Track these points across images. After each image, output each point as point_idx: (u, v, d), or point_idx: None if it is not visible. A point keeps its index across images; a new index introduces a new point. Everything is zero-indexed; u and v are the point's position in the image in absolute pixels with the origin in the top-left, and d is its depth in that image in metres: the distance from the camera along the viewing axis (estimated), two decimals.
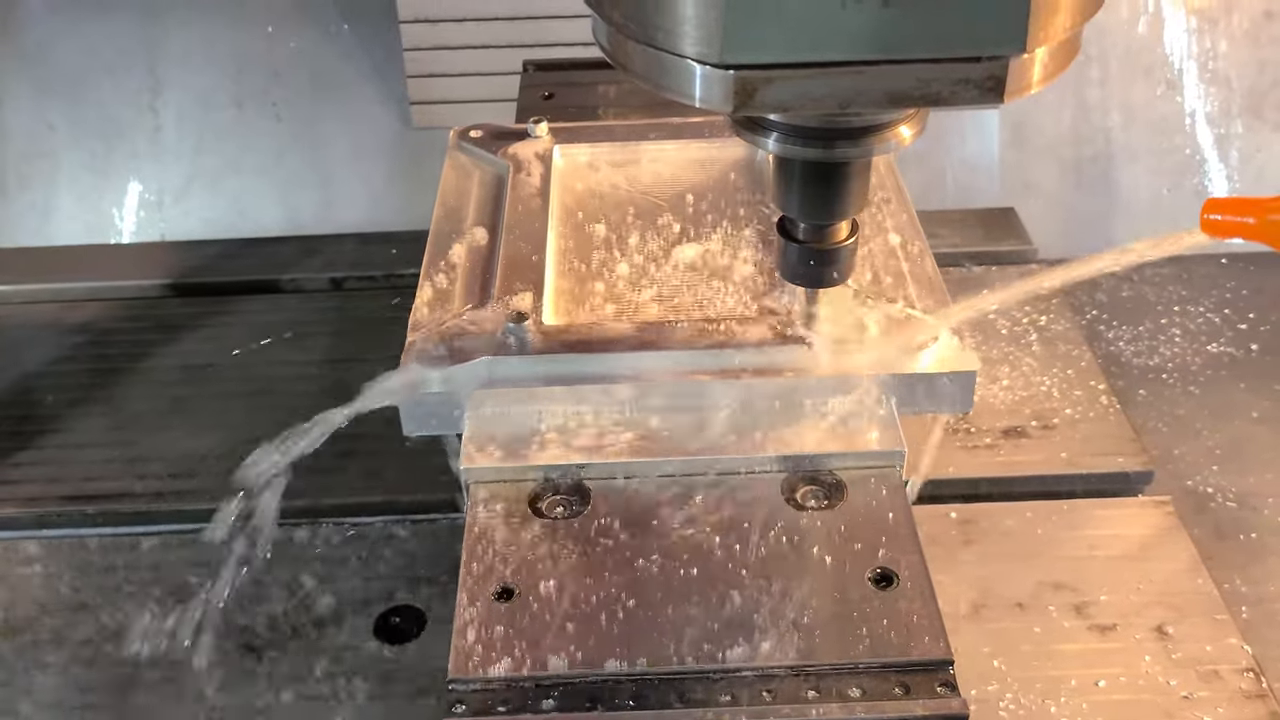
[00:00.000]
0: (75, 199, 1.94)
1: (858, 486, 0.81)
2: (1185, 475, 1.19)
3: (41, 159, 1.94)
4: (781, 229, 0.79)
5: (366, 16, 1.92)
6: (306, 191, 1.92)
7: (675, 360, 0.85)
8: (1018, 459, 1.12)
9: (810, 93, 0.60)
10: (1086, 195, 1.88)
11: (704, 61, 0.60)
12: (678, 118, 1.12)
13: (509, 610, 0.74)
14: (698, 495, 0.81)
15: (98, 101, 1.93)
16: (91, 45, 1.92)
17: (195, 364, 1.27)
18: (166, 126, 1.93)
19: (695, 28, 0.58)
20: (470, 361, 0.84)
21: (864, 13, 0.57)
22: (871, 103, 0.61)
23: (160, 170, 1.92)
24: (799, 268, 0.80)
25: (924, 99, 0.61)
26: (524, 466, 0.82)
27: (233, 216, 1.92)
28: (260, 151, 1.92)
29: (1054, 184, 1.89)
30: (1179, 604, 0.99)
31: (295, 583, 1.04)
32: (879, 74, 0.60)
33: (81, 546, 1.08)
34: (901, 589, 0.74)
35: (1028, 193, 1.87)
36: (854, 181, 0.74)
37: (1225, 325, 1.37)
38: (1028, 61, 0.60)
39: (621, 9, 0.62)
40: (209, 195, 1.93)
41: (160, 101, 1.93)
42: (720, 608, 0.74)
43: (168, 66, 1.93)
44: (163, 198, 1.93)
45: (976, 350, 1.20)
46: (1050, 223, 1.87)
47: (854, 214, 0.76)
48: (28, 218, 1.93)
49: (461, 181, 1.07)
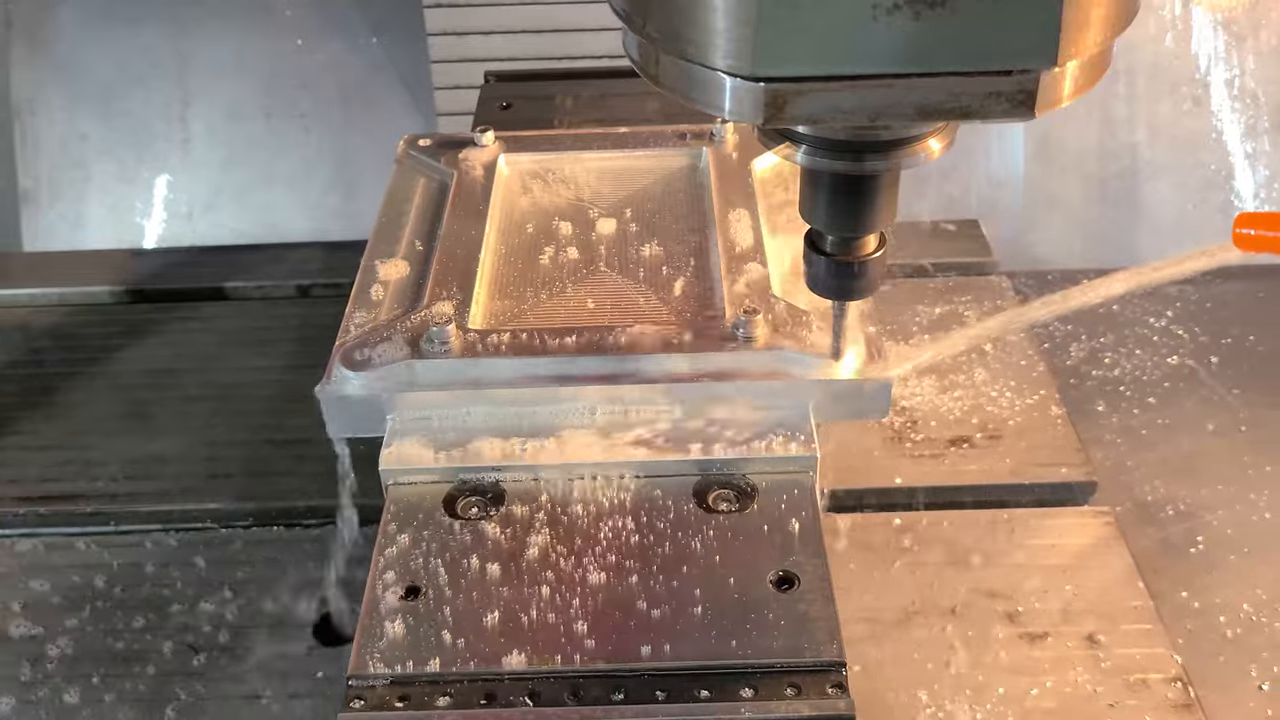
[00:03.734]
0: (106, 209, 1.96)
1: (769, 491, 0.82)
2: (1135, 486, 1.19)
3: (73, 169, 1.97)
4: (809, 242, 0.79)
5: (395, 29, 1.93)
6: (334, 202, 1.94)
7: (596, 365, 0.86)
8: (962, 468, 1.12)
9: (840, 105, 0.60)
10: (1111, 210, 1.87)
11: (735, 74, 0.60)
12: (625, 128, 1.14)
13: (414, 608, 0.75)
14: (611, 498, 0.82)
15: (129, 112, 1.96)
16: (124, 57, 1.95)
17: (157, 369, 1.29)
18: (196, 137, 1.96)
19: (727, 40, 0.59)
20: (391, 364, 0.85)
21: (895, 26, 0.57)
22: (901, 116, 0.61)
23: (190, 181, 1.94)
24: (826, 279, 0.79)
25: (954, 112, 0.61)
26: (440, 468, 0.83)
27: (261, 227, 1.94)
28: (289, 163, 1.93)
29: (1079, 199, 1.89)
30: (1111, 613, 0.99)
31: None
32: (909, 87, 0.60)
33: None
34: (802, 591, 0.75)
35: (1052, 208, 1.87)
36: (883, 194, 0.73)
37: (1186, 337, 1.37)
38: (1058, 75, 0.60)
39: (654, 22, 0.62)
40: (237, 206, 1.95)
41: (190, 113, 1.96)
42: (621, 608, 0.74)
43: (198, 78, 1.95)
44: (192, 208, 1.96)
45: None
46: (1075, 238, 1.87)
47: (882, 227, 0.76)
48: (59, 228, 1.96)
49: (406, 190, 1.09)
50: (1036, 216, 1.70)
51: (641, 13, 0.63)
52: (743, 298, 0.90)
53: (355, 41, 1.95)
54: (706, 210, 1.02)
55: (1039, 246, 1.93)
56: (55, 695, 0.96)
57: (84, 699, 0.96)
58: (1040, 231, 1.91)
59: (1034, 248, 1.93)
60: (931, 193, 1.94)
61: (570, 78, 1.30)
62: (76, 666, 0.99)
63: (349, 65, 1.95)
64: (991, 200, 1.90)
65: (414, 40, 1.88)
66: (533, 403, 0.85)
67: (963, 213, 1.87)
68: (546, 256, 0.99)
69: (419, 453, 0.84)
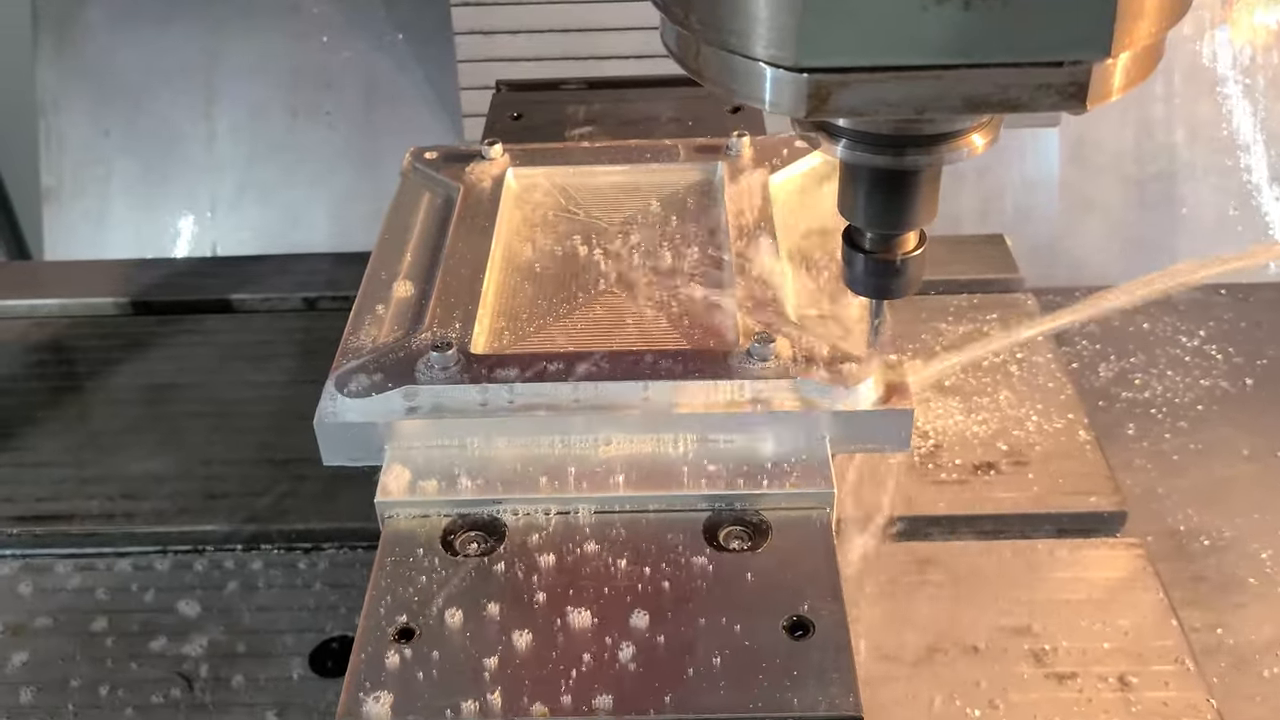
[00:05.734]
0: (128, 207, 1.96)
1: (784, 528, 0.78)
2: (1166, 514, 1.14)
3: (97, 165, 1.96)
4: (848, 239, 0.77)
5: (421, 27, 1.91)
6: (357, 203, 1.93)
7: (603, 392, 0.82)
8: (987, 495, 1.08)
9: (886, 97, 0.59)
10: (1149, 213, 1.84)
11: (777, 65, 0.58)
12: (637, 141, 1.10)
13: (407, 651, 0.71)
14: (616, 534, 0.78)
15: (154, 111, 1.96)
16: (150, 55, 1.95)
17: (158, 383, 1.26)
18: (220, 136, 1.95)
19: (769, 30, 0.57)
20: (389, 391, 0.81)
21: (945, 16, 0.55)
22: (948, 108, 0.60)
23: (213, 179, 1.94)
24: (865, 277, 0.77)
25: (1003, 104, 0.59)
26: (438, 500, 0.79)
27: (284, 226, 1.93)
28: (313, 161, 1.92)
29: (1116, 202, 1.85)
30: (1143, 653, 0.95)
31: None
32: (957, 78, 0.58)
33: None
34: (817, 639, 0.71)
35: (1089, 211, 1.83)
36: (925, 190, 0.71)
37: (1220, 358, 1.32)
38: (1110, 67, 0.59)
39: (695, 12, 0.61)
40: (261, 204, 1.94)
41: (215, 110, 1.94)
42: (624, 654, 0.70)
43: (223, 77, 1.95)
44: (215, 206, 1.94)
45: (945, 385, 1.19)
46: (1112, 241, 1.84)
47: (923, 224, 0.74)
48: (81, 226, 1.96)
49: (411, 204, 1.05)
50: (1073, 219, 1.65)
51: (683, 3, 0.61)
52: (758, 323, 0.85)
53: (380, 39, 1.93)
54: (720, 229, 0.98)
55: (1076, 250, 1.89)
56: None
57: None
58: (1076, 236, 1.88)
59: (1071, 251, 1.89)
60: (966, 194, 1.91)
61: (587, 88, 1.25)
62: (63, 695, 0.96)
63: (374, 63, 1.93)
64: (1026, 204, 1.86)
65: (440, 39, 1.86)
66: (537, 432, 0.82)
67: (997, 214, 1.83)
68: (554, 276, 0.95)
69: (415, 484, 0.80)
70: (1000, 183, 1.88)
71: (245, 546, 1.09)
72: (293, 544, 1.09)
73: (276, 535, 1.10)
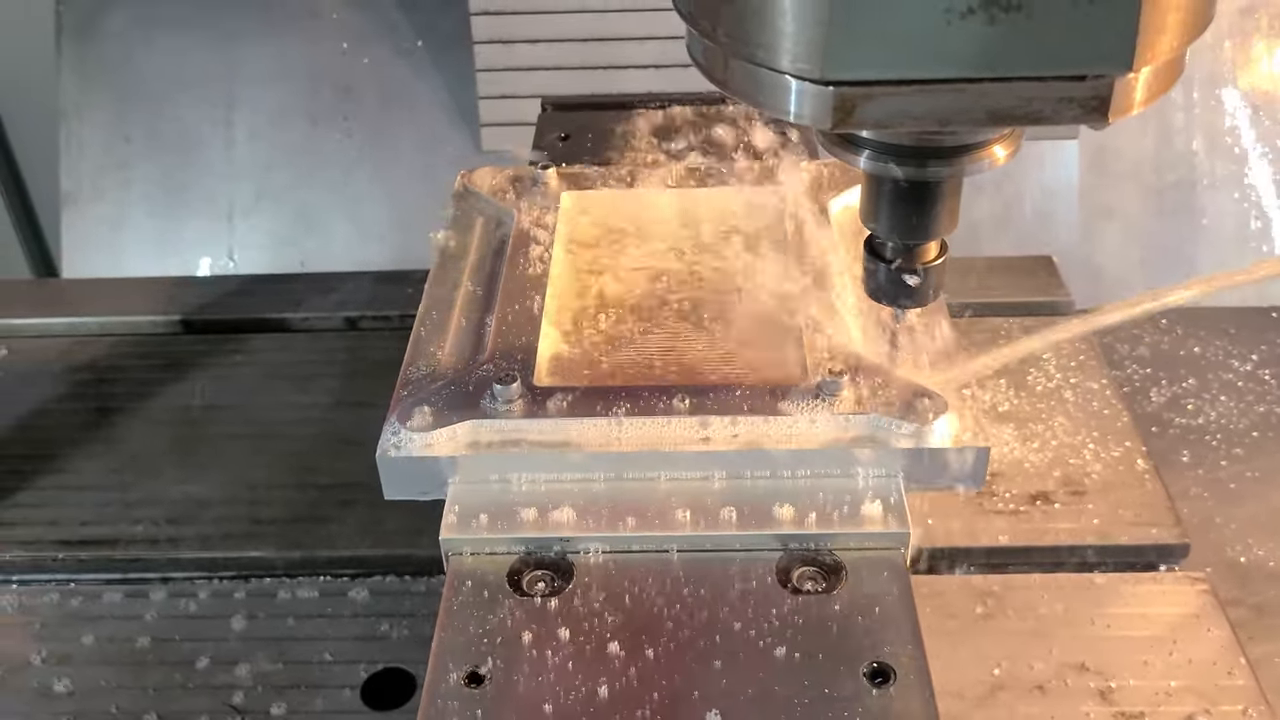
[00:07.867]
0: (146, 212, 1.96)
1: (858, 569, 0.76)
2: (1226, 545, 1.12)
3: (116, 170, 1.96)
4: (869, 248, 0.77)
5: (440, 34, 1.91)
6: (374, 208, 1.92)
7: (670, 428, 0.80)
8: (1044, 526, 1.06)
9: (910, 110, 0.59)
10: (1169, 222, 1.82)
11: (803, 77, 0.59)
12: (692, 162, 1.08)
13: (476, 697, 0.70)
14: (686, 574, 0.76)
15: (173, 116, 1.96)
16: (170, 60, 1.95)
17: (199, 404, 1.25)
18: (239, 141, 1.95)
19: (796, 43, 0.58)
20: (453, 424, 0.80)
21: (969, 30, 0.56)
22: (972, 121, 0.60)
23: (231, 185, 1.94)
24: (887, 286, 0.77)
25: (1026, 118, 0.60)
26: (504, 538, 0.77)
27: (300, 231, 1.93)
28: (330, 168, 1.92)
29: (1135, 210, 1.84)
30: (1212, 692, 0.93)
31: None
32: (981, 92, 0.59)
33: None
34: (899, 687, 0.69)
35: (1108, 219, 1.81)
36: (946, 201, 0.72)
37: (1274, 383, 1.30)
38: (1132, 81, 0.59)
39: (723, 25, 0.61)
40: (278, 210, 1.93)
41: (235, 116, 1.94)
42: (698, 703, 0.69)
43: (243, 82, 1.95)
44: (233, 211, 1.94)
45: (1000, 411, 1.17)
46: (1131, 249, 1.82)
47: (944, 234, 0.75)
48: (99, 230, 1.95)
49: (464, 229, 1.03)
50: (1093, 228, 1.64)
51: (711, 16, 0.62)
52: (827, 356, 0.84)
53: (400, 46, 1.93)
54: (786, 255, 0.96)
55: (1095, 258, 1.87)
56: None
57: None
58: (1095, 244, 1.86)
59: (1090, 259, 1.87)
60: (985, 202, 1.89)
61: (630, 106, 1.23)
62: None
63: (393, 70, 1.93)
64: (1046, 211, 1.85)
65: (459, 47, 1.85)
66: (601, 467, 0.80)
67: (1017, 222, 1.82)
68: (614, 302, 0.94)
69: (480, 521, 0.78)
70: (1019, 191, 1.86)
71: (290, 573, 1.07)
72: (339, 570, 1.08)
73: (323, 562, 1.08)
